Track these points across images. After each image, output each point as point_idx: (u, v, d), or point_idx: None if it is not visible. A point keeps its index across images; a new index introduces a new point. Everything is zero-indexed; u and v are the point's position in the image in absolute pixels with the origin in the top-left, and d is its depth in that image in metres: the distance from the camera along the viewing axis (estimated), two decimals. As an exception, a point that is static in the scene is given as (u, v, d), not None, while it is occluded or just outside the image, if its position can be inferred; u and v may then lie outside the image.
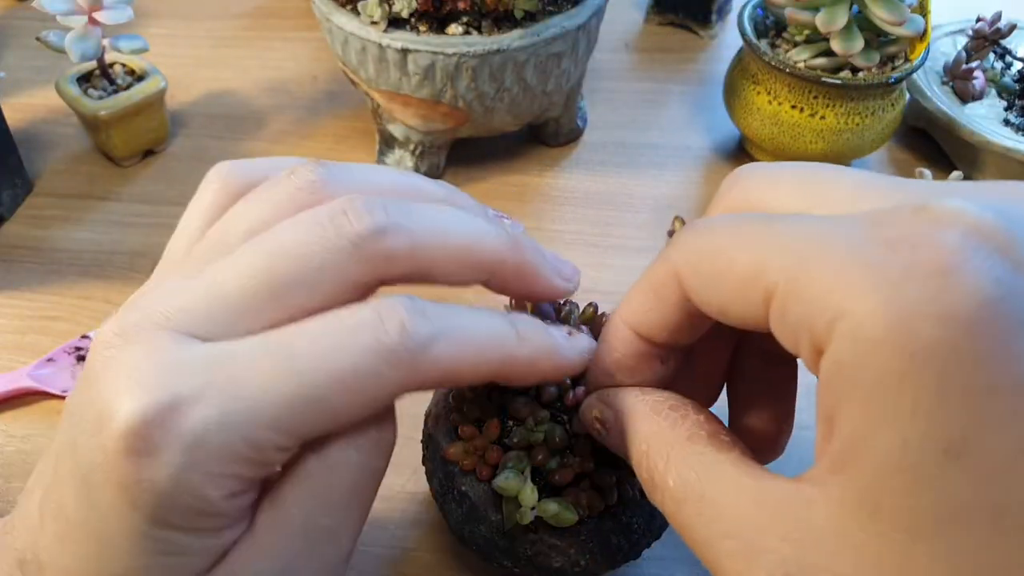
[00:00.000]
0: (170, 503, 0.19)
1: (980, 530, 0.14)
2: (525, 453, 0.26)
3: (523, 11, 0.44)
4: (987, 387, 0.14)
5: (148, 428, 0.18)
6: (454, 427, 0.28)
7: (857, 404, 0.15)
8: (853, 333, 0.15)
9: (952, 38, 0.58)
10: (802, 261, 0.16)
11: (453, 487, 0.28)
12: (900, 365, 0.14)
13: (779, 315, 0.17)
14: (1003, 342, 0.14)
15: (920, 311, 0.14)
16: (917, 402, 0.14)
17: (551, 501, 0.26)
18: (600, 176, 0.53)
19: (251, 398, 0.19)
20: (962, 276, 0.14)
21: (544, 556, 0.27)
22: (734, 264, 0.18)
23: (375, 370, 0.19)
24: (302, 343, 0.19)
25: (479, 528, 0.27)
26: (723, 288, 0.18)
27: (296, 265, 0.20)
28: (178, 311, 0.20)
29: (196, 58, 0.62)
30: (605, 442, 0.24)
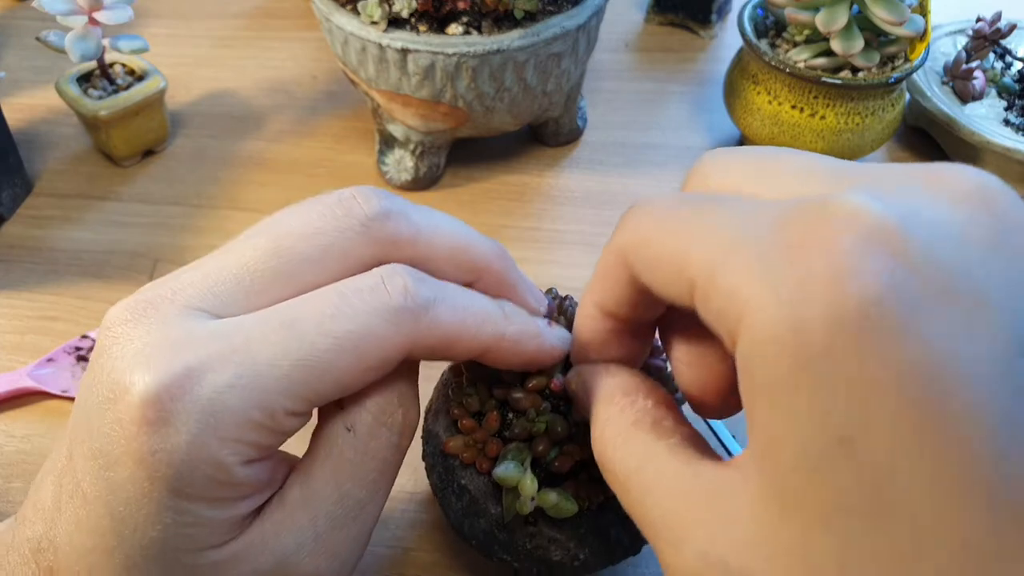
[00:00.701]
0: (188, 472, 0.19)
1: (870, 520, 0.15)
2: (525, 444, 0.26)
3: (523, 11, 0.44)
4: (870, 382, 0.14)
5: (163, 399, 0.19)
6: (454, 421, 0.28)
7: (762, 401, 0.16)
8: (754, 336, 0.16)
9: (952, 38, 0.58)
10: (718, 259, 0.17)
11: (453, 480, 0.28)
12: (795, 368, 0.15)
13: (702, 304, 0.18)
14: (886, 340, 0.14)
15: (812, 316, 0.15)
16: (811, 401, 0.15)
17: (550, 491, 0.26)
18: (600, 176, 0.53)
19: (261, 364, 0.19)
20: (852, 281, 0.14)
21: (543, 549, 0.27)
22: (663, 252, 0.19)
23: (379, 331, 0.20)
24: (308, 310, 0.20)
25: (479, 521, 0.27)
26: (658, 273, 0.19)
27: (304, 243, 0.21)
28: (187, 287, 0.21)
29: (196, 58, 0.63)
30: (583, 413, 0.24)
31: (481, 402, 0.27)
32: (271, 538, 0.21)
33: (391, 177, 0.52)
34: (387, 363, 0.21)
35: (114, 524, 0.20)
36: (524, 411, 0.26)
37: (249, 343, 0.19)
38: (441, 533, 0.34)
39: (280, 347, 0.19)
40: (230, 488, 0.20)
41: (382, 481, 0.23)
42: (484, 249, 0.24)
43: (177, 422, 0.19)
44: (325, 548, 0.22)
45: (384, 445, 0.22)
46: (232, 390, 0.19)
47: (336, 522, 0.22)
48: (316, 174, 0.53)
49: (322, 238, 0.21)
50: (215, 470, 0.19)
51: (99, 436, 0.19)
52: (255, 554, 0.21)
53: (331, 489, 0.22)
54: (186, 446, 0.19)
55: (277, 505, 0.21)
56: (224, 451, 0.19)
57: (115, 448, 0.19)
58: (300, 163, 0.53)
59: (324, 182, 0.52)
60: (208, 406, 0.19)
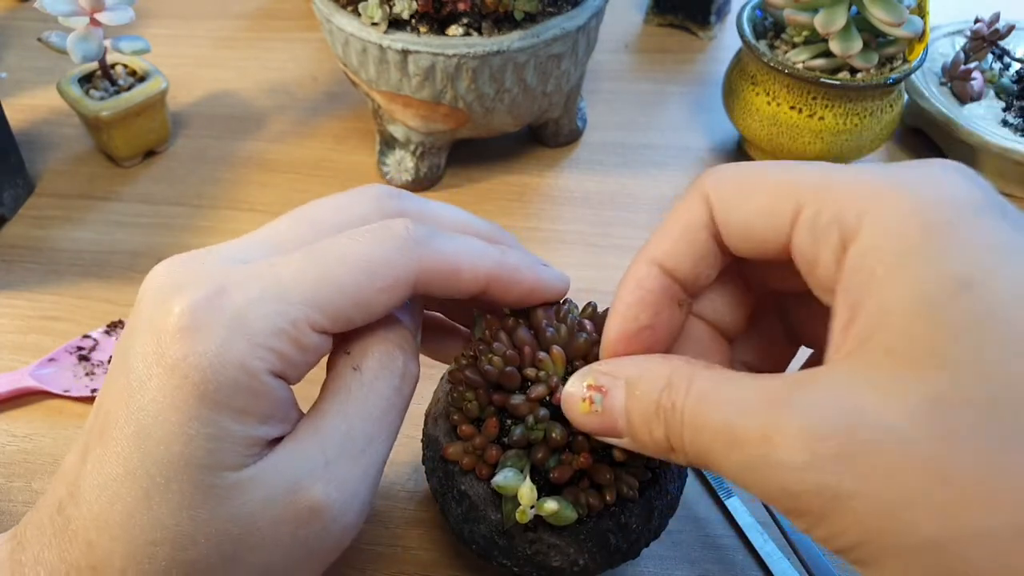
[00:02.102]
0: (217, 375, 0.21)
1: (991, 352, 0.16)
2: (524, 451, 0.26)
3: (523, 12, 0.44)
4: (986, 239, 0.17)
5: (195, 310, 0.21)
6: (454, 427, 0.28)
7: (885, 275, 0.18)
8: (881, 219, 0.18)
9: (951, 39, 0.58)
10: (833, 179, 0.20)
11: (453, 486, 0.28)
12: (920, 230, 0.18)
13: (809, 222, 0.20)
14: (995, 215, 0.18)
15: (933, 196, 0.18)
16: (938, 256, 0.17)
17: (550, 499, 0.26)
18: (600, 176, 0.53)
19: (286, 280, 0.22)
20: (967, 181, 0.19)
21: (543, 555, 0.27)
22: (766, 183, 0.21)
23: (387, 256, 0.23)
24: (325, 244, 0.23)
25: (478, 527, 0.27)
26: (751, 204, 0.21)
27: (327, 215, 0.25)
28: (222, 250, 0.23)
29: (197, 59, 0.63)
30: (588, 422, 0.23)
31: (480, 408, 0.27)
32: (284, 464, 0.22)
33: (391, 178, 0.52)
34: (398, 285, 0.23)
35: (139, 442, 0.21)
36: (523, 418, 0.26)
37: (274, 267, 0.22)
38: (441, 532, 0.35)
39: (302, 269, 0.22)
40: (256, 398, 0.21)
41: (386, 420, 0.24)
42: (485, 227, 0.28)
43: (208, 329, 0.21)
44: (335, 476, 0.23)
45: (387, 386, 0.24)
46: (260, 301, 0.21)
47: (345, 452, 0.23)
48: (317, 174, 0.53)
49: (344, 212, 0.25)
50: (243, 374, 0.21)
51: (134, 363, 0.21)
52: (269, 479, 0.22)
53: (339, 420, 0.23)
54: (216, 348, 0.20)
55: (290, 437, 0.23)
56: (252, 356, 0.21)
57: (147, 365, 0.21)
58: (301, 164, 0.54)
59: (325, 182, 0.52)
60: (238, 313, 0.21)
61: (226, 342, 0.21)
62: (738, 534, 0.35)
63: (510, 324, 0.28)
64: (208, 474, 0.21)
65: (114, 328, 0.42)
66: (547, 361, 0.26)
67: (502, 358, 0.26)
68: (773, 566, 0.33)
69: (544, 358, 0.26)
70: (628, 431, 0.22)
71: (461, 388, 0.28)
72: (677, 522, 0.35)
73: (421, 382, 0.25)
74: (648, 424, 0.21)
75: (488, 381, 0.27)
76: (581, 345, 0.27)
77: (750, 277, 0.25)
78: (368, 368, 0.24)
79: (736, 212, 0.21)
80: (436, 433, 0.29)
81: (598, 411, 0.23)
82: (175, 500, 0.21)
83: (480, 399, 0.27)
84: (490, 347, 0.27)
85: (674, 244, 0.23)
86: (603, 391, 0.23)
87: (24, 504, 0.36)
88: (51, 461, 0.37)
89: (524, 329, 0.27)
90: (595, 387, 0.23)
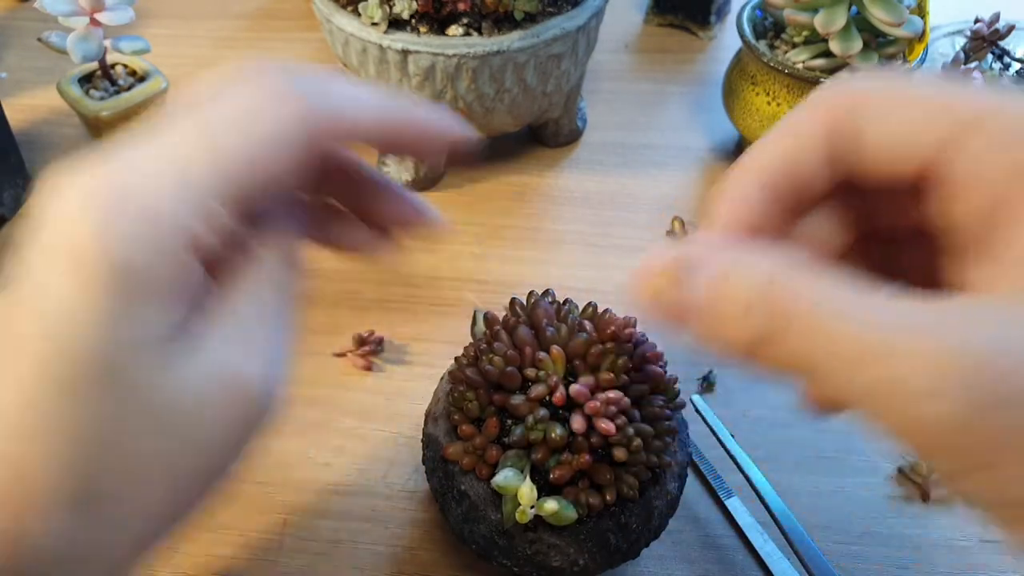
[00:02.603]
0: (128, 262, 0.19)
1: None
2: (524, 452, 0.26)
3: (523, 12, 0.44)
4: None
5: (102, 192, 0.19)
6: (454, 427, 0.28)
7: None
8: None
9: (951, 39, 0.58)
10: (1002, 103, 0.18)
11: (453, 486, 0.28)
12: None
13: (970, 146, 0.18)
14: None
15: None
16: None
17: (550, 499, 0.26)
18: (600, 176, 0.53)
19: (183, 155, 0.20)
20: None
21: (543, 555, 0.27)
22: (917, 96, 0.19)
23: (273, 112, 0.21)
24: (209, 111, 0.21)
25: (478, 527, 0.27)
26: (898, 116, 0.19)
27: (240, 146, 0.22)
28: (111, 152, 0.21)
29: (197, 59, 0.63)
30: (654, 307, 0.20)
31: (481, 408, 0.27)
32: (200, 342, 0.21)
33: (392, 178, 0.52)
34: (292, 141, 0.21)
35: (49, 345, 0.19)
36: (523, 418, 0.26)
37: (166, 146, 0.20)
38: (441, 532, 0.35)
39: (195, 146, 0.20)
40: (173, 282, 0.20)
41: (283, 308, 0.23)
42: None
43: (114, 214, 0.19)
44: (254, 346, 0.22)
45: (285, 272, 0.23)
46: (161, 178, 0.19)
47: (259, 320, 0.22)
48: (317, 174, 0.53)
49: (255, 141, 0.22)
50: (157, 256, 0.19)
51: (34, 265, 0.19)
52: (190, 363, 0.20)
53: (247, 296, 0.22)
54: (126, 232, 0.19)
55: (200, 318, 0.21)
56: (166, 236, 0.19)
57: (50, 263, 0.19)
58: (301, 163, 0.54)
59: (325, 182, 0.52)
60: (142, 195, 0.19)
61: (135, 225, 0.19)
62: (738, 534, 0.35)
63: (511, 323, 0.28)
64: (127, 372, 0.19)
65: (114, 328, 0.42)
66: (547, 361, 0.26)
67: (503, 358, 0.26)
68: (773, 566, 0.33)
69: (544, 358, 0.26)
70: (706, 320, 0.19)
71: (462, 388, 0.28)
72: (677, 522, 0.35)
73: (420, 381, 0.25)
74: (736, 317, 0.19)
75: (488, 381, 0.27)
76: (581, 345, 0.27)
77: (852, 209, 0.23)
78: (268, 256, 0.23)
79: (877, 124, 0.19)
80: (436, 433, 0.29)
81: (672, 295, 0.19)
82: (95, 403, 0.19)
83: (480, 399, 0.27)
84: (491, 347, 0.27)
85: (787, 153, 0.20)
86: (686, 272, 0.19)
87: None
88: (51, 461, 0.37)
89: (525, 328, 0.27)
90: (677, 265, 0.19)
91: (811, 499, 0.36)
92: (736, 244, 0.20)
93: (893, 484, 0.37)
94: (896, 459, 0.37)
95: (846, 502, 0.36)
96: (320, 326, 0.43)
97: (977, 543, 0.35)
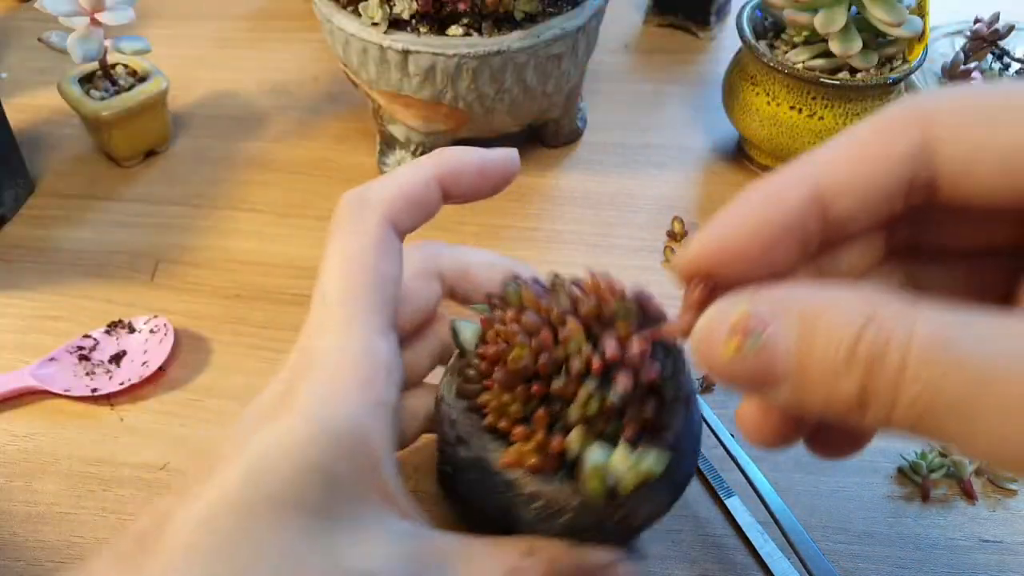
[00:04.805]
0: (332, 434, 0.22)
1: None
2: (588, 427, 0.25)
3: (523, 12, 0.44)
4: None
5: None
6: (499, 433, 0.26)
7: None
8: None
9: (950, 39, 0.58)
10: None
11: (517, 495, 0.26)
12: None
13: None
14: None
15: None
16: None
17: (644, 455, 0.25)
18: (600, 176, 0.53)
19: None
20: None
21: (632, 516, 0.26)
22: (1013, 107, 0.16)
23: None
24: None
25: (555, 523, 0.26)
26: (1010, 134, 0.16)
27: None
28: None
29: (198, 59, 0.63)
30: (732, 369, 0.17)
31: (524, 405, 0.26)
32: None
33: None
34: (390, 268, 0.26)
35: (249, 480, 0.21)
36: (570, 398, 0.25)
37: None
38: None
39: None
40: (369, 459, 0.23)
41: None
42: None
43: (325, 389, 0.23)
44: None
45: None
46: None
47: None
48: (317, 174, 0.53)
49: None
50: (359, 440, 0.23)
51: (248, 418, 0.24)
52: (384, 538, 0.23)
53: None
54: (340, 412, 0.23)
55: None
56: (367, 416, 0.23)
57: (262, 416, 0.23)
58: (301, 164, 0.54)
59: (325, 182, 0.52)
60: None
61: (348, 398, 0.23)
62: (738, 534, 0.35)
63: (509, 316, 0.27)
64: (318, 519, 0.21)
65: (114, 328, 0.42)
66: (571, 337, 0.25)
67: (530, 349, 0.25)
68: (773, 566, 0.33)
69: (568, 334, 0.25)
70: (795, 380, 0.16)
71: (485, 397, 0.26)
72: (677, 522, 0.35)
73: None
74: (834, 371, 0.16)
75: (526, 377, 0.25)
76: (590, 309, 0.26)
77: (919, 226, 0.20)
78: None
79: (983, 144, 0.16)
80: (470, 454, 0.27)
81: (752, 354, 0.17)
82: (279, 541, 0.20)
83: (522, 396, 0.26)
84: (507, 344, 0.26)
85: (852, 170, 0.17)
86: (763, 325, 0.17)
87: (24, 503, 0.36)
88: (51, 461, 0.37)
89: (530, 313, 0.26)
90: (750, 321, 0.17)
91: (811, 499, 0.36)
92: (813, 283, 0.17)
93: (893, 484, 0.37)
94: (896, 459, 0.38)
95: (846, 502, 0.36)
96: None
97: (977, 543, 0.35)
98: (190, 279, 0.46)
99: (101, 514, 0.35)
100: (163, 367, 0.41)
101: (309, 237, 0.48)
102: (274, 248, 0.48)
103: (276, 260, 0.47)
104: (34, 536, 0.35)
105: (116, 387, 0.39)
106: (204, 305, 0.44)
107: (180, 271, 0.46)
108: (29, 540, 0.34)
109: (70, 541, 0.34)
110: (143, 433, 0.38)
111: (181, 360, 0.42)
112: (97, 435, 0.38)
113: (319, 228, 0.49)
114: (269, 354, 0.42)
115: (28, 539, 0.34)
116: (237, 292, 0.45)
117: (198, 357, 0.42)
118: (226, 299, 0.45)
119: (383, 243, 0.25)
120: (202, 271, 0.46)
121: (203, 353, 0.42)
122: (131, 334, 0.42)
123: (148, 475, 0.37)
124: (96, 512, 0.35)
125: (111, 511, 0.35)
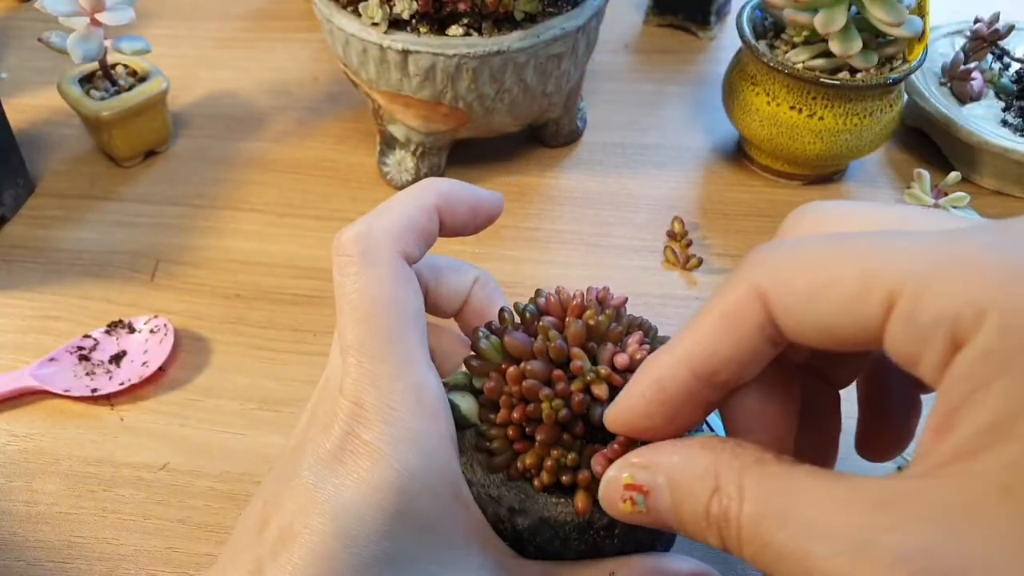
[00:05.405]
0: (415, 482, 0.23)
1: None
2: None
3: (523, 12, 0.44)
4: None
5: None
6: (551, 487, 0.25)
7: (1004, 389, 0.15)
8: (1005, 323, 0.15)
9: (950, 39, 0.58)
10: (934, 262, 0.16)
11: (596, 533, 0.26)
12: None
13: (905, 318, 0.17)
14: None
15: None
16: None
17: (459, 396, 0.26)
18: (600, 176, 0.53)
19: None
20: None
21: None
22: (843, 276, 0.17)
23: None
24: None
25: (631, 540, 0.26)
26: (827, 302, 0.18)
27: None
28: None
29: (198, 59, 0.63)
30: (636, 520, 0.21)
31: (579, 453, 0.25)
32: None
33: (392, 178, 0.52)
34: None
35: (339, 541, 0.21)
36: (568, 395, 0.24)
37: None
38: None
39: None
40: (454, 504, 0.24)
41: None
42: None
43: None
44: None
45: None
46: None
47: None
48: (317, 174, 0.53)
49: None
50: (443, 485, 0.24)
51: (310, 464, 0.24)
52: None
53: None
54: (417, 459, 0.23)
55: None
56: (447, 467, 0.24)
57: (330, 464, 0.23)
58: (301, 164, 0.54)
59: (325, 182, 0.52)
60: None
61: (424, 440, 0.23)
62: (738, 534, 0.35)
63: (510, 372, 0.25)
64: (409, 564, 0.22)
65: (114, 328, 0.42)
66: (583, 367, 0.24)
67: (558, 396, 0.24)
68: (773, 566, 0.33)
69: (578, 365, 0.24)
70: (683, 533, 0.20)
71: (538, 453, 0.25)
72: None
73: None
74: (702, 532, 0.19)
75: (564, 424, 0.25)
76: (578, 331, 0.25)
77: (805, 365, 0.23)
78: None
79: (807, 314, 0.18)
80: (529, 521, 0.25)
81: (643, 511, 0.20)
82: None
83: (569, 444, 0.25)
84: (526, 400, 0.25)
85: (715, 347, 0.19)
86: (644, 490, 0.20)
87: (24, 503, 0.36)
88: (51, 461, 0.37)
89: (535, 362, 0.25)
90: (634, 486, 0.20)
91: (811, 499, 0.36)
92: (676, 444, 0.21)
93: (893, 484, 0.37)
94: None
95: (846, 502, 0.36)
96: (321, 327, 0.43)
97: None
98: (190, 279, 0.46)
99: (101, 514, 0.35)
100: (163, 367, 0.41)
101: (309, 237, 0.48)
102: (274, 248, 0.48)
103: (276, 260, 0.47)
104: (34, 536, 0.35)
105: (116, 387, 0.40)
106: (204, 305, 0.44)
107: (180, 271, 0.46)
108: (29, 540, 0.34)
109: (70, 541, 0.34)
110: (143, 433, 0.38)
111: (181, 360, 0.42)
112: (97, 435, 0.38)
113: (319, 228, 0.49)
114: (269, 354, 0.42)
115: (28, 539, 0.34)
116: (237, 292, 0.45)
117: (198, 357, 0.42)
118: (226, 299, 0.45)
119: (404, 278, 0.25)
120: (202, 271, 0.46)
121: (203, 353, 0.42)
122: (131, 334, 0.42)
123: (148, 475, 0.37)
124: (96, 512, 0.35)
125: (111, 511, 0.35)
